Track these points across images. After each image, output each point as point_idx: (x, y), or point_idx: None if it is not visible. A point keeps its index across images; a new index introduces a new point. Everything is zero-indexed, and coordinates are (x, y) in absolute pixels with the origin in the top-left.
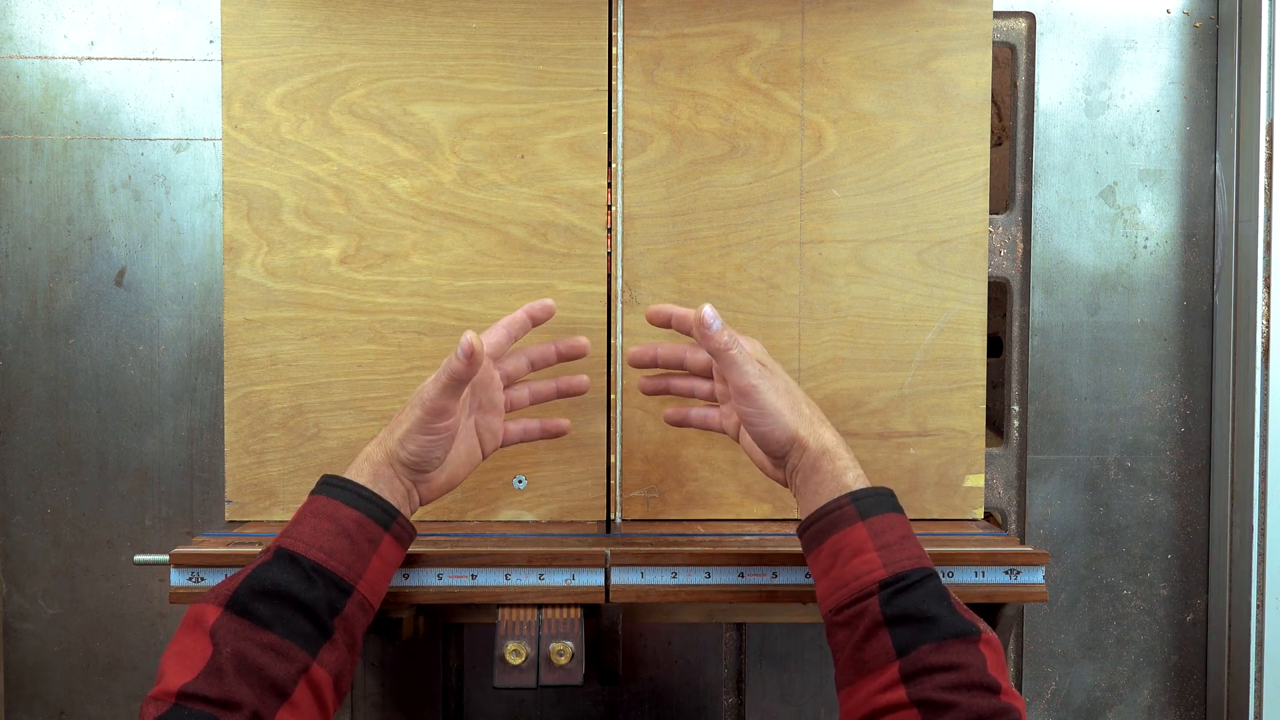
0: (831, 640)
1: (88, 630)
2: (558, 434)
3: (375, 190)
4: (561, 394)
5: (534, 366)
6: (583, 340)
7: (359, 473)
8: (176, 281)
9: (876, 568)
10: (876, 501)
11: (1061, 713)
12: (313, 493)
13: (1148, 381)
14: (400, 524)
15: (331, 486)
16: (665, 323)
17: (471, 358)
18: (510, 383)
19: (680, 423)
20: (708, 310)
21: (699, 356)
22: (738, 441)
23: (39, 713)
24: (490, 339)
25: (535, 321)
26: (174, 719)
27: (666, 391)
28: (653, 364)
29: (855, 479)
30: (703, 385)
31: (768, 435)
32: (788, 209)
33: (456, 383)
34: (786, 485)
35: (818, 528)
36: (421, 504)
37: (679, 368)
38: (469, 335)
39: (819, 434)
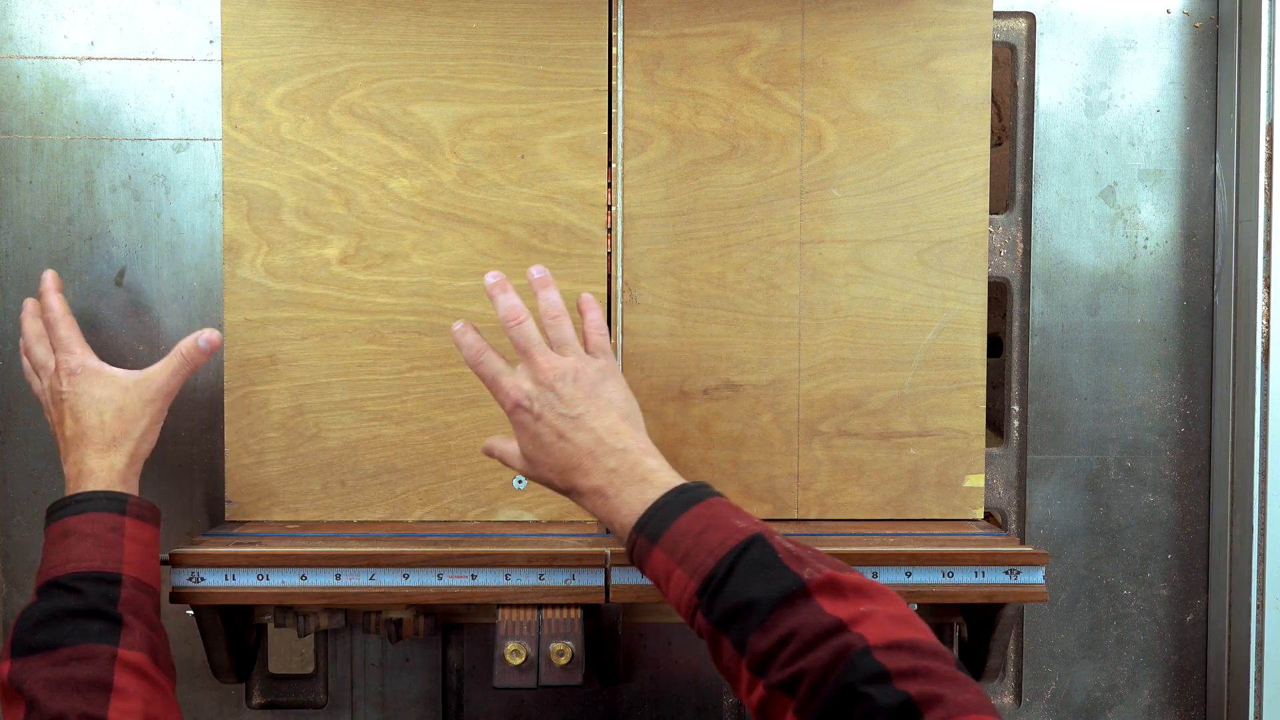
0: None
1: None
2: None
3: (375, 190)
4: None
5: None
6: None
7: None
8: (176, 281)
9: (687, 582)
10: (660, 517)
11: (1061, 713)
12: (45, 528)
13: (1148, 381)
14: (133, 503)
15: (53, 512)
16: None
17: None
18: None
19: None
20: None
21: None
22: None
23: None
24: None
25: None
26: None
27: None
28: None
29: (629, 514)
30: None
31: None
32: (788, 209)
33: (190, 371)
34: None
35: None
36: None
37: None
38: (214, 333)
39: (577, 482)
